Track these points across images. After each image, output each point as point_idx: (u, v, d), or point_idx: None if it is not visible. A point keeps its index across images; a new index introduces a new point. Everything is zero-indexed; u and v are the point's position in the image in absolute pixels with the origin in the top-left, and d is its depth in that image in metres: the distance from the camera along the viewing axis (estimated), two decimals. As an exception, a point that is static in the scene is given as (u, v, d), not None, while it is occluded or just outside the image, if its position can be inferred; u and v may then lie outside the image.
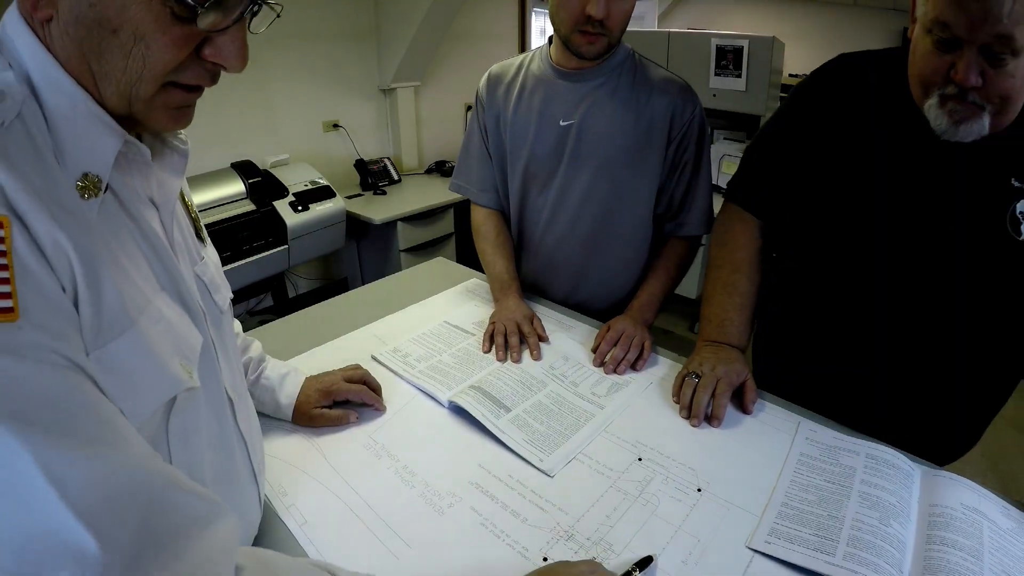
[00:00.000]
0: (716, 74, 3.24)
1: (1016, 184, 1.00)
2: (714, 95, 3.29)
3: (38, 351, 0.47)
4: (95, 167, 0.56)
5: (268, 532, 0.88)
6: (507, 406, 1.13)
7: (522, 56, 1.52)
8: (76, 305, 0.51)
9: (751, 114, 3.24)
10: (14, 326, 0.45)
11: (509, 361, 1.29)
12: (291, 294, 3.75)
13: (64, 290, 0.50)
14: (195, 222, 0.80)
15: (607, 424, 1.11)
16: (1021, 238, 1.01)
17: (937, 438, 1.20)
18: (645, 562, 0.84)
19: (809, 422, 1.12)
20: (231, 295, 0.84)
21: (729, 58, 3.18)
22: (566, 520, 0.90)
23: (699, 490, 0.96)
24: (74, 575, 0.44)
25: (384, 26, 3.86)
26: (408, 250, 3.62)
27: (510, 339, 1.32)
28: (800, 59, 3.65)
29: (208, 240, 0.84)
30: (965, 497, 0.94)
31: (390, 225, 3.52)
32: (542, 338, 1.36)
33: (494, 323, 1.37)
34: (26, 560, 0.43)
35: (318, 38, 3.61)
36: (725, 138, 3.52)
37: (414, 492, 0.95)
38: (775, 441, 1.07)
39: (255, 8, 0.59)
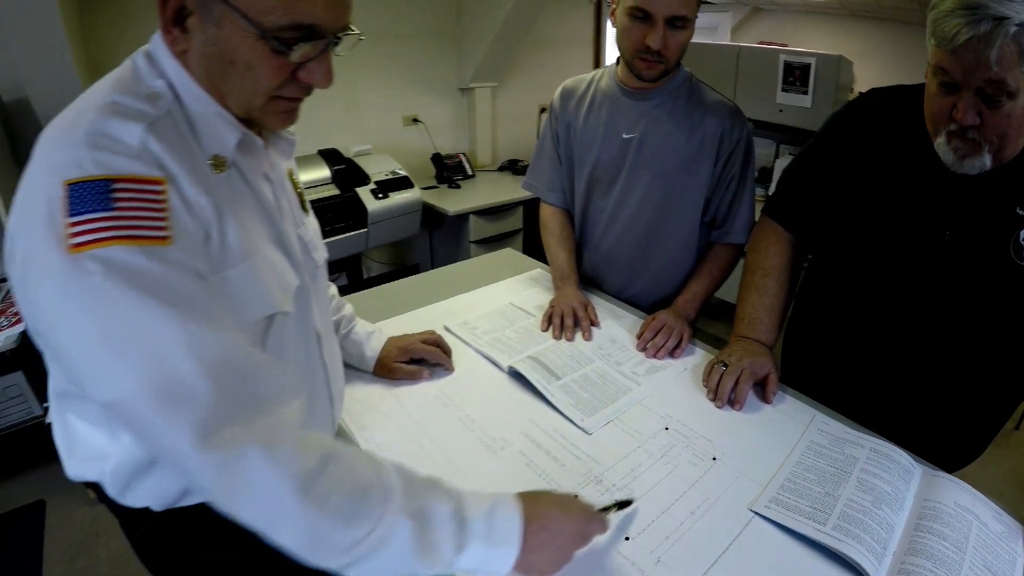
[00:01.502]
0: (783, 90, 3.27)
1: (1021, 213, 1.08)
2: (780, 110, 3.32)
3: (181, 265, 0.68)
4: (222, 151, 0.79)
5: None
6: (558, 375, 1.31)
7: (593, 73, 1.69)
8: (208, 241, 0.74)
9: (816, 131, 3.25)
10: (167, 247, 0.67)
11: (563, 339, 1.47)
12: (365, 275, 4.01)
13: (202, 231, 0.72)
14: (300, 196, 1.03)
15: (642, 398, 1.27)
16: (1023, 263, 1.09)
17: (944, 445, 1.28)
18: (625, 504, 0.97)
19: (823, 416, 1.23)
20: (327, 254, 1.07)
21: (796, 75, 3.20)
22: (597, 468, 1.08)
23: (714, 459, 1.11)
24: (192, 405, 0.65)
25: (465, 28, 4.06)
26: (478, 242, 3.80)
27: (566, 321, 1.50)
28: (872, 76, 3.64)
29: (311, 211, 1.07)
30: (960, 497, 1.01)
31: (462, 217, 3.70)
32: (594, 323, 1.54)
33: (553, 307, 1.55)
34: (164, 395, 0.64)
35: (402, 38, 3.85)
36: (789, 153, 3.54)
37: (473, 436, 1.15)
38: (789, 428, 1.19)
39: (336, 40, 0.77)
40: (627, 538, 0.94)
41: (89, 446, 0.84)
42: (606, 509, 0.93)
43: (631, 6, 1.36)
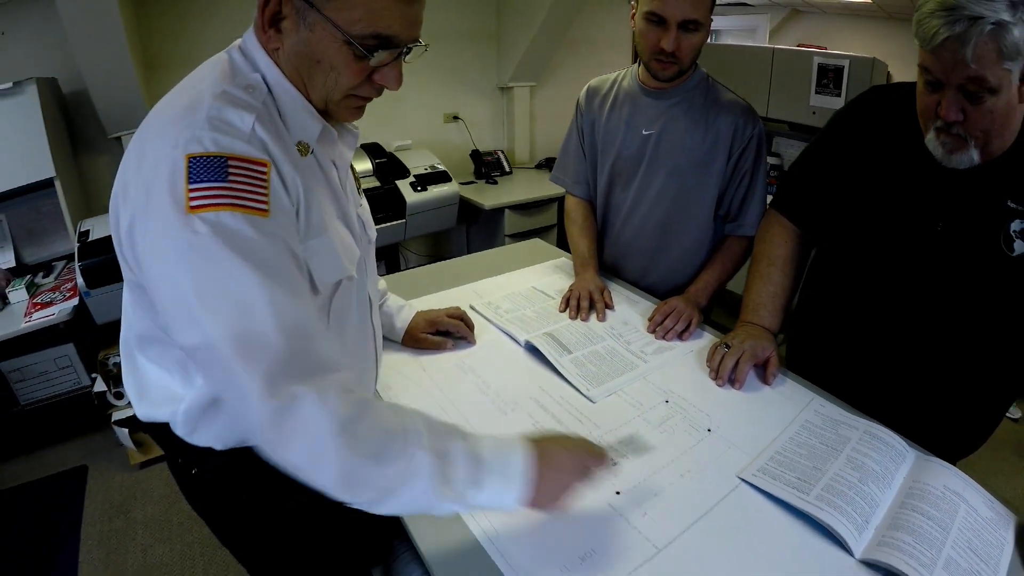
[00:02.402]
0: (816, 92, 3.28)
1: (1011, 205, 1.11)
2: (813, 112, 3.33)
3: (276, 236, 0.79)
4: (306, 138, 0.92)
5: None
6: (570, 349, 1.42)
7: (617, 73, 1.79)
8: (298, 215, 0.86)
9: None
10: (266, 219, 0.79)
11: (579, 319, 1.58)
12: (403, 267, 4.15)
13: (294, 206, 0.85)
14: (357, 181, 1.16)
15: (647, 374, 1.37)
16: (1014, 254, 1.12)
17: (944, 433, 1.31)
18: (632, 442, 1.10)
19: (821, 399, 1.28)
20: (375, 233, 1.20)
21: (830, 76, 3.21)
22: (597, 431, 1.18)
23: (709, 430, 1.19)
24: (265, 356, 0.75)
25: (504, 29, 4.17)
26: (512, 235, 3.89)
27: (582, 303, 1.61)
28: (908, 78, 3.63)
29: (364, 196, 1.20)
30: (951, 481, 1.03)
31: (498, 212, 3.82)
32: (608, 306, 1.64)
33: (572, 290, 1.66)
34: (245, 343, 0.75)
35: (445, 38, 3.98)
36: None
37: (487, 399, 1.27)
38: (786, 408, 1.25)
39: (408, 49, 0.89)
40: (618, 492, 1.03)
41: (163, 389, 0.96)
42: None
43: (646, 11, 1.46)
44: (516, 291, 1.73)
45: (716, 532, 0.96)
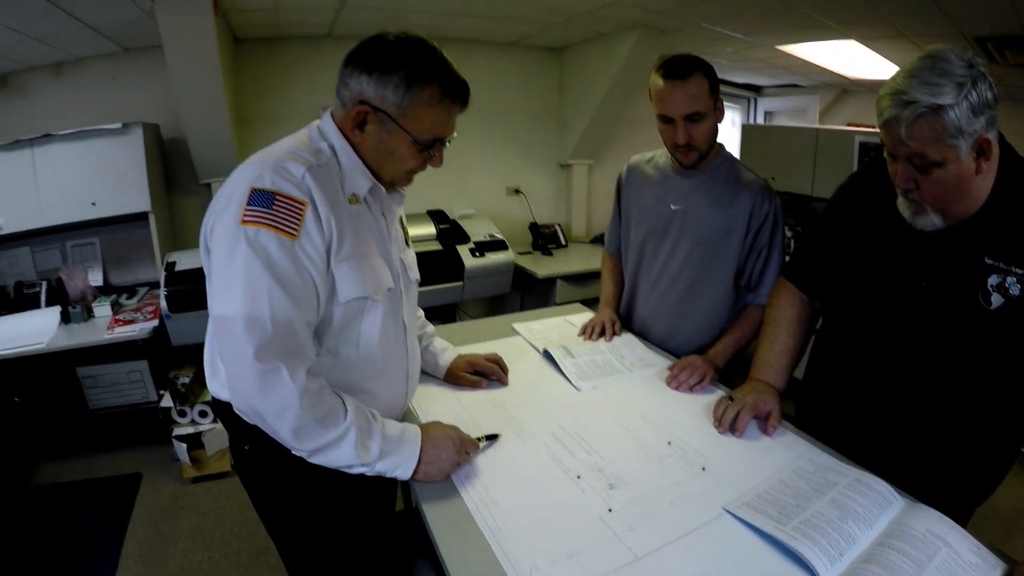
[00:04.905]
0: None
1: (988, 261, 1.18)
2: (857, 191, 3.43)
3: (295, 254, 1.10)
4: (358, 191, 1.23)
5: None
6: (574, 356, 1.83)
7: (654, 152, 2.02)
8: (331, 243, 1.15)
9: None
10: (293, 241, 1.10)
11: (591, 340, 1.97)
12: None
13: (326, 236, 1.14)
14: (405, 233, 1.46)
15: (629, 376, 1.75)
16: (991, 308, 1.18)
17: (951, 486, 1.33)
18: (493, 437, 1.39)
19: (817, 449, 1.36)
20: (419, 276, 1.48)
21: (871, 155, 3.27)
22: (600, 461, 1.33)
23: (703, 468, 1.31)
24: (261, 334, 1.07)
25: (565, 110, 4.47)
26: (563, 304, 4.05)
27: (595, 328, 1.92)
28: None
29: (411, 246, 1.49)
30: (935, 526, 1.06)
31: (551, 281, 4.02)
32: (616, 333, 2.01)
33: (591, 320, 1.97)
34: (249, 320, 1.07)
35: (509, 116, 4.33)
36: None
37: (510, 429, 1.46)
38: (781, 456, 1.34)
39: (450, 141, 1.26)
40: (610, 510, 1.18)
41: None
42: (479, 439, 1.36)
43: (657, 113, 1.72)
44: (551, 323, 2.18)
45: (693, 551, 1.06)
